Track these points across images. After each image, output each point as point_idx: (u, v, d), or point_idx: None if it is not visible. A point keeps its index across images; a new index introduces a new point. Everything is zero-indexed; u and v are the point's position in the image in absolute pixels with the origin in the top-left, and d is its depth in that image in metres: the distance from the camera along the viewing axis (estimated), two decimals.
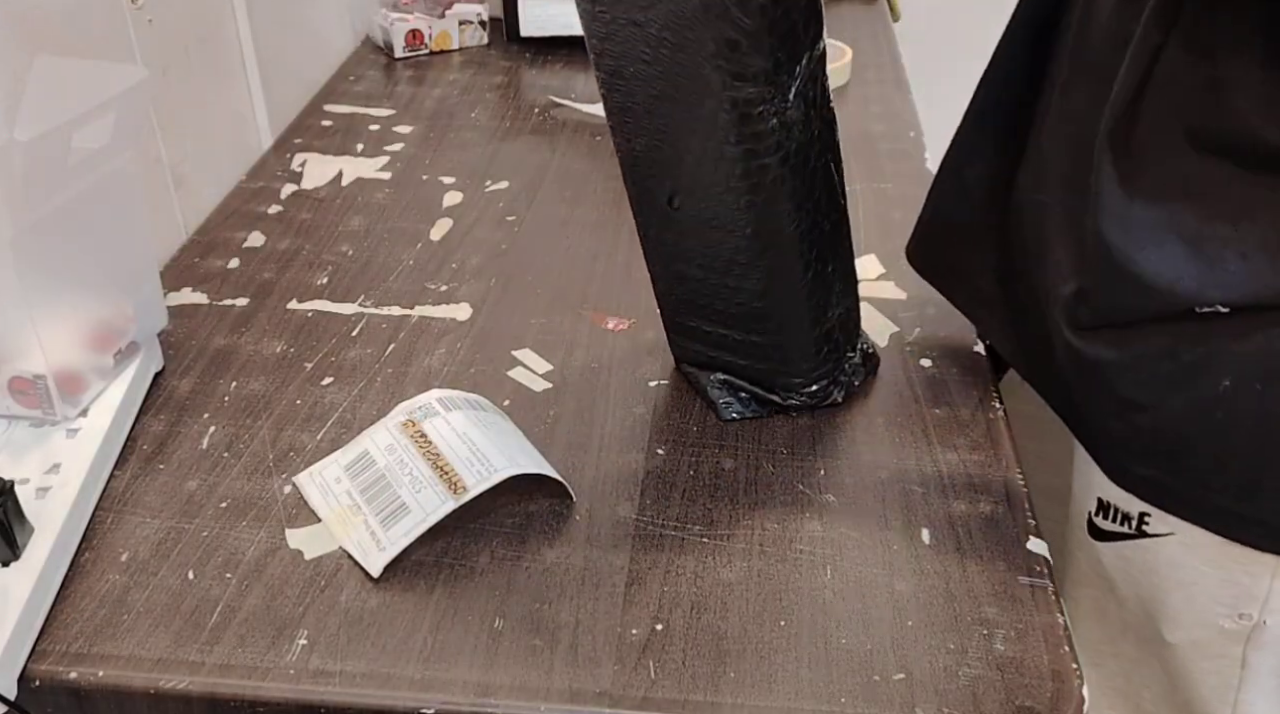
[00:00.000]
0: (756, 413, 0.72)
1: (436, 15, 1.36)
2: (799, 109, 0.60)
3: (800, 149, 0.62)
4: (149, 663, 0.56)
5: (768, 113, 0.59)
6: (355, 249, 0.93)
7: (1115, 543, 0.69)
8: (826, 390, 0.72)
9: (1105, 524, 0.69)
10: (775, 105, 0.59)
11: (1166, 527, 0.65)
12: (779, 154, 0.61)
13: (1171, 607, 0.67)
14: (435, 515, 0.61)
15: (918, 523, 0.64)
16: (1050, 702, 0.54)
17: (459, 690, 0.54)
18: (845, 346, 0.72)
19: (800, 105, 0.60)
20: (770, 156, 0.61)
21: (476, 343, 0.81)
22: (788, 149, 0.61)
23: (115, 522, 0.65)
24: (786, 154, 0.61)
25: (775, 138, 0.60)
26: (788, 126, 0.60)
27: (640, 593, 0.60)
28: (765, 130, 0.60)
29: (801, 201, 0.63)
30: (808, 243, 0.65)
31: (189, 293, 0.86)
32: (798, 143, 0.61)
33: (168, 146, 0.93)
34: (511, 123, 1.17)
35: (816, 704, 0.54)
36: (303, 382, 0.76)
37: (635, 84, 0.63)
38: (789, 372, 0.71)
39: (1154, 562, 0.67)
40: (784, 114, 0.60)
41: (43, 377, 0.65)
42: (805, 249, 0.65)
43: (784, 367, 0.71)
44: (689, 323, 0.73)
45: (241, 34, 1.07)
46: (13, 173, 0.59)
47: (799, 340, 0.69)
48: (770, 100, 0.59)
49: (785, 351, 0.70)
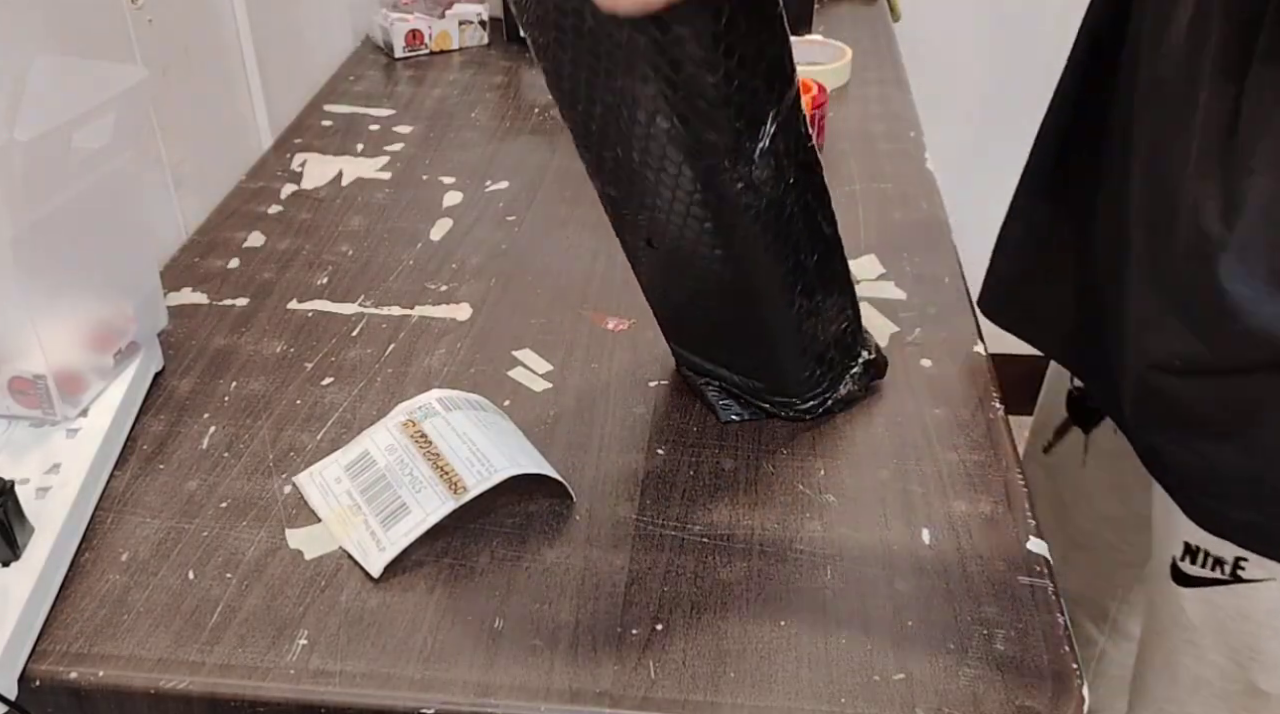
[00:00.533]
0: (756, 416, 0.73)
1: (436, 15, 1.36)
2: (767, 167, 0.57)
3: (772, 204, 0.58)
4: (149, 663, 0.56)
5: (730, 178, 0.56)
6: (355, 249, 0.93)
7: (1203, 589, 0.67)
8: (823, 403, 0.72)
9: (1193, 569, 0.68)
10: (739, 171, 0.56)
11: (1265, 571, 0.63)
12: (749, 213, 0.58)
13: (1270, 654, 0.65)
14: (435, 515, 0.61)
15: (918, 523, 0.64)
16: (1050, 702, 0.54)
17: (459, 690, 0.54)
18: (843, 362, 0.71)
19: (770, 162, 0.57)
20: (739, 217, 0.58)
21: (476, 343, 0.81)
22: (757, 207, 0.58)
23: (115, 522, 0.65)
24: (757, 212, 0.58)
25: (743, 200, 0.57)
26: (755, 187, 0.57)
27: (640, 593, 0.60)
28: (731, 193, 0.57)
29: (779, 249, 0.61)
30: (790, 281, 0.64)
31: (189, 293, 0.86)
32: (769, 199, 0.58)
33: (168, 146, 0.93)
34: (511, 123, 1.17)
35: (816, 704, 0.54)
36: (303, 382, 0.76)
37: (602, 137, 0.59)
38: (783, 391, 0.71)
39: (1249, 608, 0.65)
40: (749, 177, 0.56)
41: (43, 377, 0.65)
42: (789, 287, 0.64)
43: (777, 386, 0.70)
44: (683, 339, 0.73)
45: (241, 34, 1.07)
46: (13, 173, 0.59)
47: (791, 366, 0.69)
48: (733, 168, 0.56)
49: (777, 374, 0.69)
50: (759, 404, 0.72)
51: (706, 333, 0.70)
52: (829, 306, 0.68)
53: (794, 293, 0.65)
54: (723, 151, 0.55)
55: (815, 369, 0.70)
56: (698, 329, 0.71)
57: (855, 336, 0.72)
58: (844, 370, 0.72)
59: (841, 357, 0.71)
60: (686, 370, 0.75)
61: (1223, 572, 0.66)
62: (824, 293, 0.67)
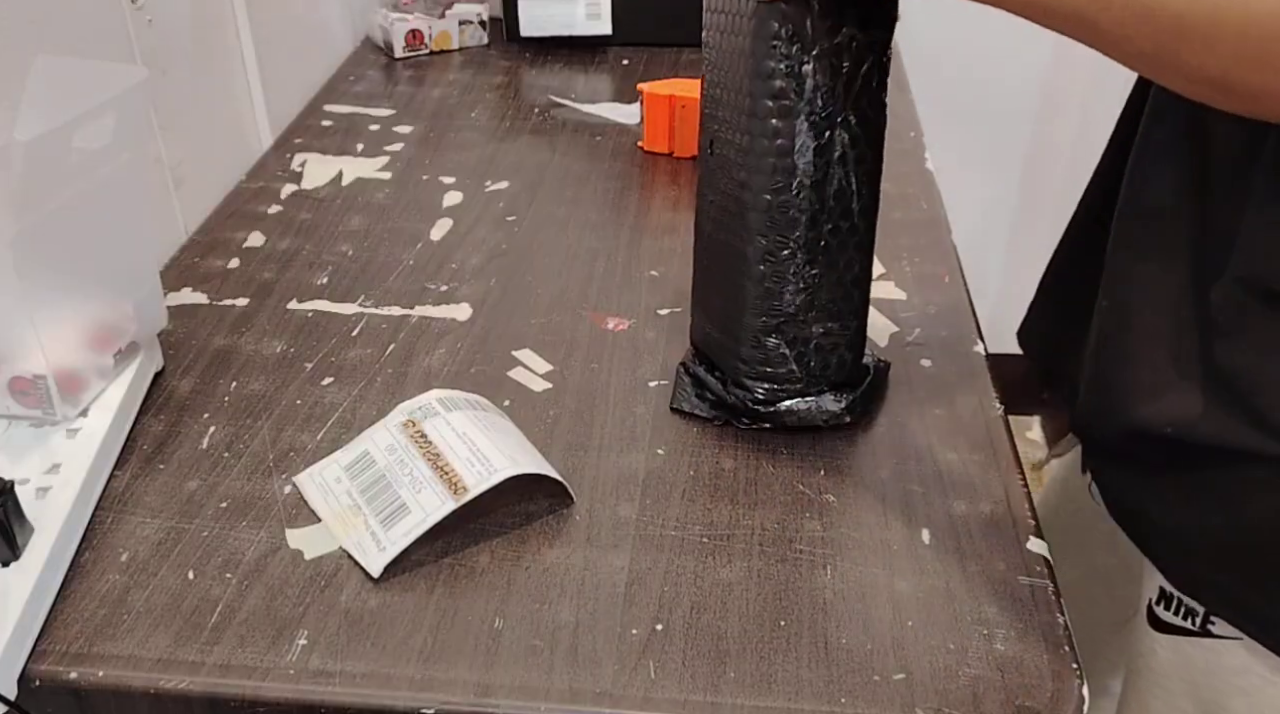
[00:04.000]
0: (705, 414, 0.72)
1: (436, 15, 1.36)
2: (822, 71, 0.61)
3: (811, 113, 0.62)
4: (149, 663, 0.56)
5: (780, 53, 0.60)
6: (355, 249, 0.93)
7: (1176, 636, 0.67)
8: (770, 398, 0.70)
9: (1167, 615, 0.67)
10: (792, 49, 0.60)
11: (1234, 630, 0.63)
12: (782, 104, 0.62)
13: (1234, 712, 0.64)
14: (435, 516, 0.61)
15: (918, 523, 0.64)
16: (1050, 702, 0.54)
17: (459, 690, 0.54)
18: (811, 378, 0.70)
19: (825, 71, 0.61)
20: (775, 101, 0.62)
21: (476, 343, 0.81)
22: (794, 104, 0.62)
23: (115, 522, 0.65)
24: (791, 108, 0.62)
25: (784, 83, 0.61)
26: (800, 80, 0.61)
27: (640, 593, 0.60)
28: (778, 70, 0.61)
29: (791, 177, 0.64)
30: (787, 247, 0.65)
31: (189, 293, 0.86)
32: (810, 103, 0.62)
33: (168, 146, 0.93)
34: (511, 123, 1.17)
35: (816, 704, 0.54)
36: (303, 382, 0.76)
37: (711, 14, 0.65)
38: (742, 358, 0.70)
39: (1216, 663, 0.64)
40: (799, 66, 0.61)
41: (43, 377, 0.65)
42: (777, 249, 0.65)
43: (739, 349, 0.70)
44: (701, 287, 0.74)
45: (241, 34, 1.07)
46: (13, 173, 0.59)
47: (757, 325, 0.69)
48: (790, 41, 0.60)
49: (746, 330, 0.69)
50: (721, 394, 0.72)
51: (716, 276, 0.71)
52: (819, 305, 0.68)
53: (781, 260, 0.66)
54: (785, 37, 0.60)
55: (774, 350, 0.69)
56: (717, 266, 0.71)
57: (844, 366, 0.71)
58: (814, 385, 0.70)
59: (819, 369, 0.70)
60: (689, 351, 0.76)
61: (1194, 623, 0.65)
62: (820, 284, 0.67)
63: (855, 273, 0.68)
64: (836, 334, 0.70)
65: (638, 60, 1.34)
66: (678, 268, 0.90)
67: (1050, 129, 1.70)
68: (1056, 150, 1.71)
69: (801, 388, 0.70)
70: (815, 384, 0.70)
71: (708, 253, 0.72)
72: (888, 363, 0.76)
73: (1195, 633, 0.65)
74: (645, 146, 1.11)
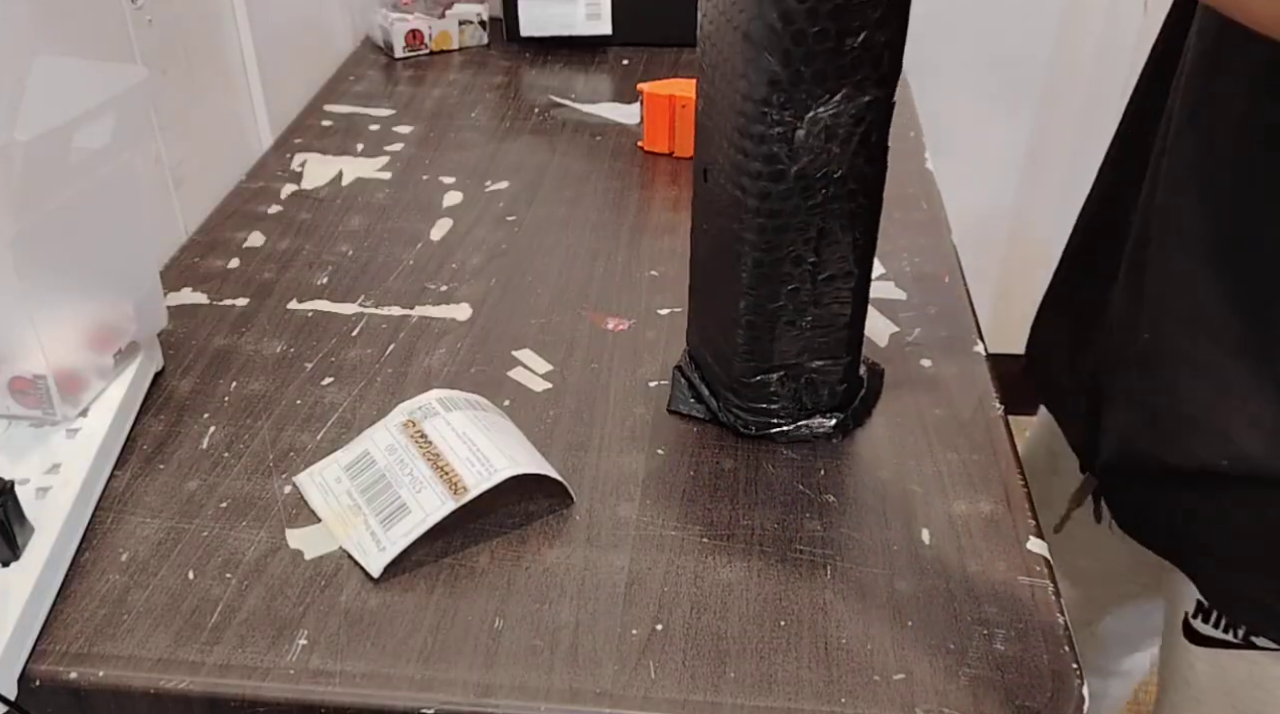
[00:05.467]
0: (703, 415, 0.72)
1: (436, 15, 1.36)
2: (815, 138, 0.59)
3: (802, 178, 0.60)
4: (149, 663, 0.56)
5: (771, 119, 0.59)
6: (355, 249, 0.93)
7: (1214, 649, 0.66)
8: (761, 427, 0.70)
9: (1205, 629, 0.66)
10: (782, 117, 0.58)
11: (1273, 644, 0.62)
12: (774, 168, 0.60)
13: None
14: (435, 516, 0.61)
15: (918, 523, 0.64)
16: (1050, 702, 0.54)
17: (459, 690, 0.54)
18: (802, 406, 0.70)
19: (818, 136, 0.59)
20: (765, 165, 0.60)
21: (476, 343, 0.81)
22: (787, 168, 0.60)
23: (115, 522, 0.65)
24: (784, 172, 0.60)
25: (776, 148, 0.59)
26: (792, 145, 0.59)
27: (640, 593, 0.60)
28: (769, 136, 0.59)
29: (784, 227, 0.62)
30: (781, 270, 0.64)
31: (189, 293, 0.86)
32: (801, 169, 0.60)
33: (168, 146, 0.93)
34: (511, 123, 1.17)
35: (816, 704, 0.54)
36: (303, 382, 0.76)
37: (708, 44, 0.63)
38: (733, 391, 0.70)
39: (1260, 675, 0.64)
40: (791, 132, 0.59)
41: (43, 377, 0.65)
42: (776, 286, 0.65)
43: (730, 383, 0.70)
44: (697, 305, 0.74)
45: (241, 34, 1.07)
46: (13, 173, 0.59)
47: (747, 367, 0.68)
48: (778, 108, 0.58)
49: (737, 369, 0.69)
50: (712, 402, 0.72)
51: (710, 300, 0.71)
52: (812, 349, 0.68)
53: (771, 312, 0.65)
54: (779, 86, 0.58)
55: (762, 388, 0.69)
56: (706, 293, 0.71)
57: (836, 396, 0.71)
58: (796, 412, 0.70)
59: (810, 402, 0.70)
60: (685, 353, 0.76)
61: (1235, 635, 0.65)
62: (812, 331, 0.67)
63: (848, 316, 0.67)
64: (829, 371, 0.69)
65: (638, 60, 1.34)
66: (678, 268, 0.90)
67: (1050, 129, 1.70)
68: (1056, 151, 1.71)
69: (793, 416, 0.70)
70: (806, 413, 0.70)
71: (703, 279, 0.71)
72: (881, 368, 0.76)
73: (1237, 644, 0.65)
74: (645, 146, 1.11)
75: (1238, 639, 0.65)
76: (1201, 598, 0.66)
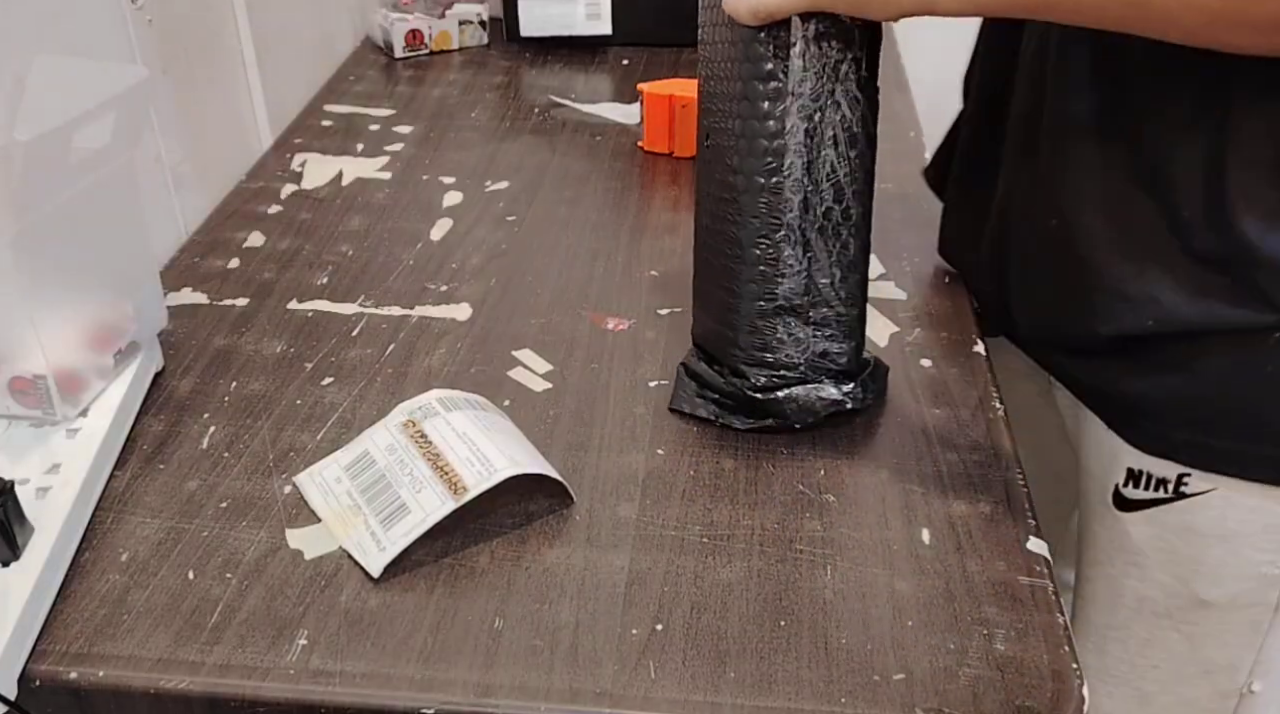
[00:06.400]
0: (705, 414, 0.72)
1: (436, 15, 1.36)
2: (808, 77, 0.63)
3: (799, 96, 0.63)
4: (149, 663, 0.56)
5: (767, 55, 0.62)
6: (355, 249, 0.93)
7: (1147, 510, 0.71)
8: (769, 386, 0.70)
9: (1136, 493, 0.71)
10: (780, 49, 0.62)
11: (1207, 483, 0.67)
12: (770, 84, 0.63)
13: (1211, 563, 0.69)
14: (435, 516, 0.61)
15: (918, 523, 0.64)
16: (1050, 702, 0.54)
17: (459, 690, 0.54)
18: (811, 363, 0.70)
19: (810, 74, 0.63)
20: (762, 83, 0.63)
21: (476, 343, 0.81)
22: (782, 85, 0.63)
23: (115, 522, 0.65)
24: (780, 90, 0.63)
25: (772, 65, 0.62)
26: (788, 62, 0.62)
27: (640, 593, 0.60)
28: (765, 54, 0.62)
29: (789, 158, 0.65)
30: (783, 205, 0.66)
31: (189, 293, 0.86)
32: (798, 86, 0.63)
33: (168, 146, 0.93)
34: (511, 123, 1.17)
35: (816, 704, 0.54)
36: (303, 382, 0.76)
37: (705, 11, 0.67)
38: (739, 345, 0.70)
39: (1193, 521, 0.69)
40: (786, 62, 0.62)
41: (43, 377, 0.65)
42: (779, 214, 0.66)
43: (736, 336, 0.70)
44: (701, 278, 0.74)
45: (241, 34, 1.07)
46: (13, 173, 0.59)
47: (753, 310, 0.69)
48: (775, 43, 0.62)
49: (742, 316, 0.69)
50: (721, 398, 0.72)
51: (713, 268, 0.71)
52: (814, 288, 0.68)
53: (775, 242, 0.67)
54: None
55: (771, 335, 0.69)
56: (714, 256, 0.71)
57: (843, 355, 0.71)
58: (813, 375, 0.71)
59: (817, 355, 0.70)
60: (691, 351, 0.76)
61: (1166, 490, 0.69)
62: (815, 267, 0.68)
63: (851, 256, 0.69)
64: (834, 320, 0.70)
65: (638, 60, 1.34)
66: (678, 268, 0.90)
67: None
68: None
69: (800, 376, 0.70)
70: (815, 373, 0.70)
71: (706, 246, 0.72)
72: (887, 366, 0.76)
73: (1169, 499, 0.69)
74: (645, 146, 1.11)
75: (1169, 494, 0.69)
76: (1133, 464, 0.70)
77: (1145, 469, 0.70)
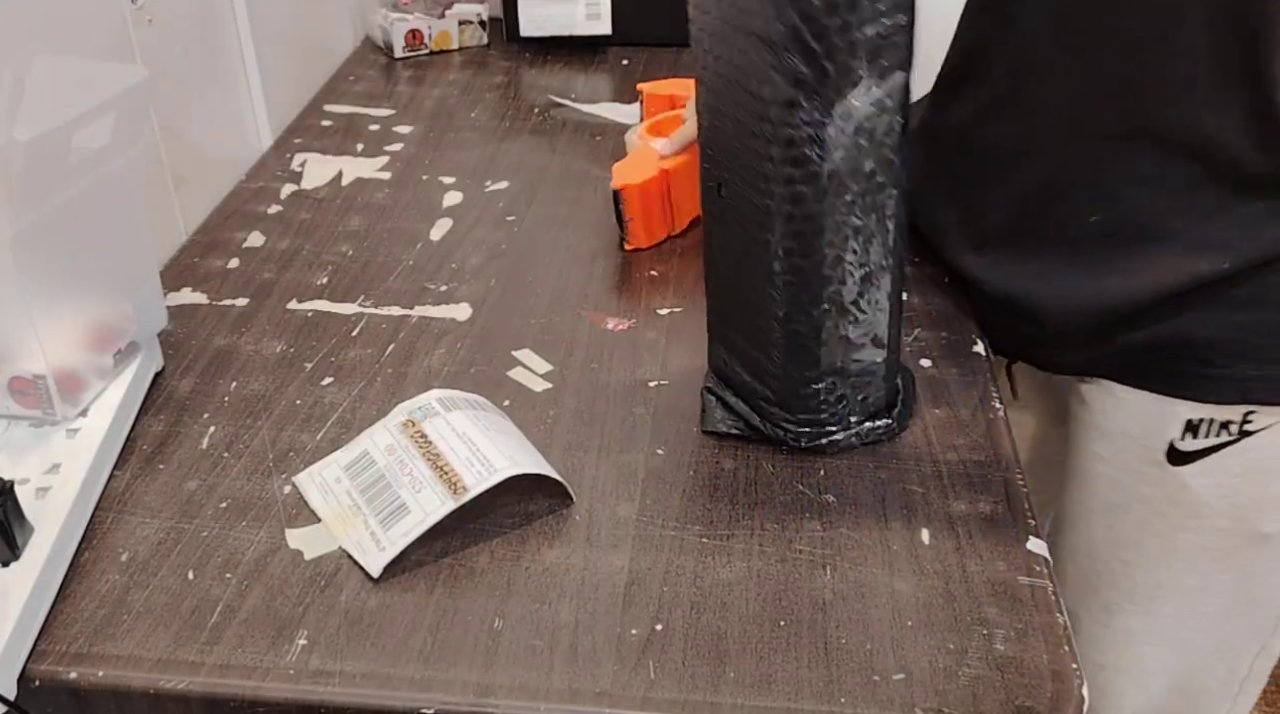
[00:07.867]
0: (743, 431, 0.71)
1: (436, 15, 1.36)
2: (845, 133, 0.59)
3: (835, 176, 0.60)
4: (149, 663, 0.56)
5: (800, 120, 0.58)
6: (355, 249, 0.93)
7: (1205, 460, 0.72)
8: (813, 437, 0.69)
9: (1195, 443, 0.72)
10: (811, 116, 0.58)
11: (1273, 416, 0.69)
12: (807, 170, 0.60)
13: (1275, 496, 0.71)
14: (435, 516, 0.61)
15: (918, 523, 0.64)
16: (1050, 702, 0.54)
17: (459, 690, 0.54)
18: (851, 409, 0.69)
19: (847, 131, 0.59)
20: (796, 168, 0.60)
21: (476, 343, 0.81)
22: (820, 168, 0.60)
23: (115, 522, 0.65)
24: (816, 173, 0.60)
25: (808, 150, 0.59)
26: (823, 144, 0.59)
27: (640, 593, 0.60)
28: (798, 138, 0.59)
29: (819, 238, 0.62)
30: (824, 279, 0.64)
31: (189, 293, 0.86)
32: (834, 167, 0.60)
33: (168, 146, 0.93)
34: (511, 123, 1.17)
35: (816, 704, 0.54)
36: (303, 382, 0.76)
37: (710, 57, 0.63)
38: (779, 404, 0.69)
39: (1258, 457, 0.70)
40: (821, 131, 0.58)
41: (43, 377, 0.65)
42: (818, 290, 0.64)
43: (776, 397, 0.69)
44: (719, 324, 0.73)
45: (241, 34, 1.07)
46: (13, 173, 0.59)
47: (794, 378, 0.67)
48: (808, 108, 0.58)
49: (781, 382, 0.68)
50: (750, 416, 0.70)
51: (737, 321, 0.70)
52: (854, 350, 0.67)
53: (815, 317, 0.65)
54: (804, 85, 0.58)
55: (817, 395, 0.68)
56: (733, 315, 0.70)
57: (880, 396, 0.70)
58: (844, 417, 0.69)
59: (856, 404, 0.69)
60: (710, 373, 0.75)
61: (1231, 432, 0.70)
62: (855, 333, 0.66)
63: (889, 310, 0.67)
64: (871, 372, 0.69)
65: (638, 60, 1.34)
66: (678, 268, 0.90)
67: None
68: None
69: (844, 424, 0.69)
70: (858, 419, 0.70)
71: (727, 296, 0.70)
72: (911, 374, 0.75)
73: (1233, 440, 0.71)
74: None
75: (1234, 435, 0.71)
76: (1191, 416, 0.71)
77: (1206, 417, 0.70)
